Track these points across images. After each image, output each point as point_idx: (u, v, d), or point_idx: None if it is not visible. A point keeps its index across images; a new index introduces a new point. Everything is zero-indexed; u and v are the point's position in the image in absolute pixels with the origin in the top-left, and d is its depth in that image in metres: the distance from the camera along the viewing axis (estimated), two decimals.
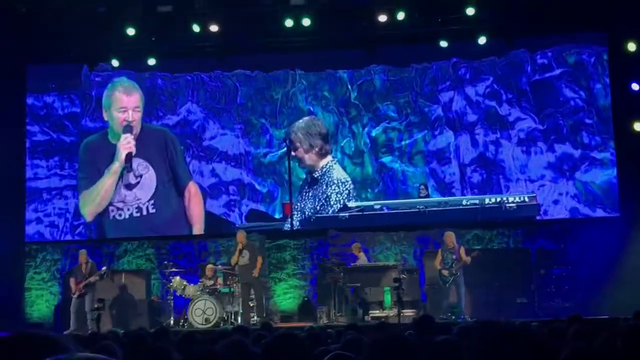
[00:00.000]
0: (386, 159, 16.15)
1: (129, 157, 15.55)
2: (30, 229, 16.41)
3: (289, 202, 15.63)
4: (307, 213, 15.80)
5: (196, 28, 15.09)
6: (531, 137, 15.76)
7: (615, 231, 14.86)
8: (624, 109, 15.24)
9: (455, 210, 15.48)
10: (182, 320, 14.14)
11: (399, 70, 16.15)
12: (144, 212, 15.94)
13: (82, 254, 14.51)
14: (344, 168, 16.09)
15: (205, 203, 16.15)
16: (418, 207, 15.43)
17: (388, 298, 13.80)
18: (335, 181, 15.81)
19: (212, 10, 14.94)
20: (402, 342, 2.64)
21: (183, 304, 14.50)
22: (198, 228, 16.06)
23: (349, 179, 15.89)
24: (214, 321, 13.66)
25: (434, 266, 14.16)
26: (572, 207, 15.46)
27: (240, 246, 13.98)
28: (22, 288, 16.28)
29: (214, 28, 15.06)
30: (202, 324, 13.58)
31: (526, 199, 15.38)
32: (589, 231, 15.15)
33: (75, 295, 14.12)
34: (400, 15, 14.73)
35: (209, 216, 16.12)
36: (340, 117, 16.30)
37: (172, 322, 14.13)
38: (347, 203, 15.73)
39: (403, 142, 16.11)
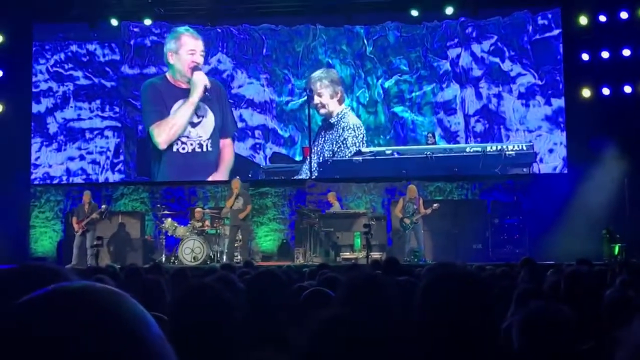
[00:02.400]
0: (397, 109, 16.13)
1: (206, 89, 15.53)
2: (73, 166, 16.43)
3: (307, 146, 15.70)
4: (325, 154, 15.82)
5: None
6: (530, 91, 15.77)
7: (563, 186, 15.01)
8: (573, 77, 15.33)
9: (459, 156, 15.53)
10: (172, 258, 14.19)
11: (412, 27, 16.09)
12: (204, 149, 15.88)
13: (87, 195, 14.48)
14: (359, 116, 16.11)
15: (233, 145, 16.20)
16: (425, 153, 15.43)
17: (358, 242, 13.91)
18: (351, 126, 15.86)
19: None
20: (374, 280, 2.66)
21: (174, 243, 14.55)
22: (221, 175, 15.98)
23: (362, 125, 15.92)
24: (202, 259, 13.73)
25: (395, 214, 14.27)
26: (564, 156, 15.56)
27: (236, 191, 13.99)
28: (28, 226, 16.23)
29: None
30: (190, 262, 13.63)
31: (524, 148, 15.43)
32: (539, 186, 15.29)
33: (78, 233, 14.09)
34: None
35: (236, 157, 16.16)
36: (356, 70, 16.25)
37: (163, 259, 14.17)
38: (361, 148, 15.72)
39: (413, 94, 16.09)
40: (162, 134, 15.81)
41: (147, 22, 15.93)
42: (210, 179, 16.03)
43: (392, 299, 2.59)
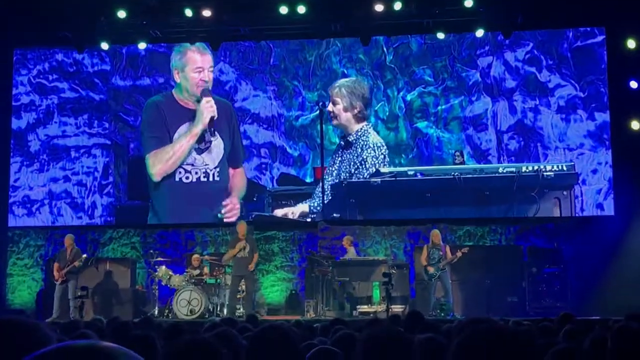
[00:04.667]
0: (421, 124, 16.09)
1: (212, 121, 15.60)
2: (57, 188, 16.46)
3: (320, 166, 15.63)
4: (341, 176, 15.63)
5: (189, 13, 15.00)
6: (571, 104, 15.65)
7: (609, 231, 14.89)
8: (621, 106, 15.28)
9: (490, 177, 15.28)
10: (166, 311, 14.13)
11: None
12: (210, 178, 15.86)
13: (68, 238, 14.47)
14: (378, 132, 15.99)
15: (245, 174, 16.21)
16: (453, 173, 15.20)
17: (377, 293, 13.83)
18: (372, 145, 15.63)
19: None
20: (395, 338, 2.63)
21: (168, 294, 14.50)
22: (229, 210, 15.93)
23: (384, 144, 15.77)
24: (199, 312, 13.67)
25: (419, 262, 14.18)
26: (611, 177, 15.37)
27: (242, 237, 13.98)
28: (4, 274, 16.22)
29: (206, 13, 14.97)
30: (187, 315, 13.57)
31: (564, 168, 15.17)
32: (582, 230, 15.18)
33: (58, 282, 14.08)
34: (397, 6, 14.67)
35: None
36: (374, 81, 16.24)
37: (156, 312, 14.12)
38: (380, 169, 15.54)
39: (439, 107, 16.04)
40: (158, 164, 15.82)
41: (142, 45, 16.06)
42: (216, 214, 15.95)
43: None
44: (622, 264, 14.27)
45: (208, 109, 15.63)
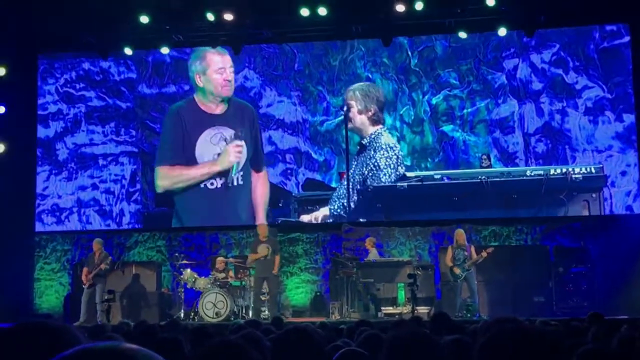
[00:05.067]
0: (447, 128, 16.04)
1: (231, 167, 15.64)
2: (85, 196, 16.64)
3: (345, 171, 15.64)
4: (356, 179, 15.64)
5: (210, 17, 15.06)
6: (599, 106, 15.53)
7: (636, 230, 14.75)
8: None
9: (518, 181, 15.24)
10: (192, 314, 14.18)
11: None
12: (234, 183, 15.86)
13: (97, 243, 14.57)
14: (403, 137, 16.01)
15: (267, 178, 16.20)
16: (480, 177, 15.19)
17: (402, 294, 13.80)
18: (384, 146, 15.62)
19: None
20: (420, 339, 2.63)
21: (193, 296, 14.54)
22: (261, 212, 15.96)
23: (397, 145, 15.75)
24: (225, 315, 13.70)
25: (444, 263, 14.14)
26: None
27: (263, 240, 14.07)
28: (32, 279, 16.38)
29: (228, 17, 15.02)
30: (212, 318, 13.62)
31: (593, 170, 15.08)
32: (609, 229, 15.05)
33: (85, 286, 14.19)
34: (419, 5, 14.63)
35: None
36: (399, 85, 16.23)
37: (182, 315, 14.18)
38: (406, 173, 15.51)
39: (465, 111, 15.99)
40: (166, 180, 15.97)
41: (165, 50, 16.14)
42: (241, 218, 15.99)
43: None
44: None
45: (236, 154, 15.69)
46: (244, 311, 14.12)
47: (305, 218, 16.02)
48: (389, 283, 13.98)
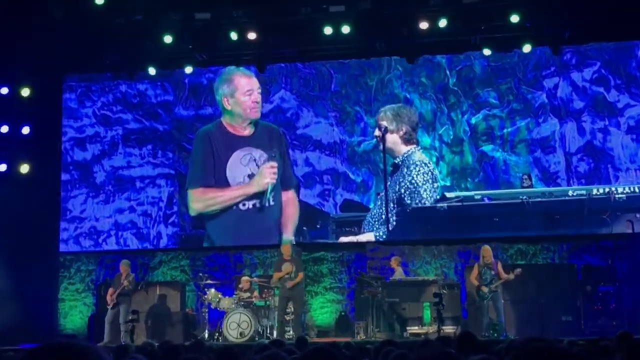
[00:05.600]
0: (487, 148, 15.97)
1: (266, 190, 15.58)
2: (122, 218, 16.70)
3: (383, 191, 15.57)
4: (394, 197, 15.45)
5: (234, 36, 15.15)
6: None
7: None
8: None
9: (560, 201, 15.11)
10: (216, 334, 14.18)
11: (501, 55, 15.90)
12: (266, 204, 15.79)
13: (124, 264, 14.62)
14: (442, 157, 15.95)
15: (299, 192, 16.17)
16: (521, 197, 15.08)
17: (427, 314, 13.72)
18: (418, 162, 15.48)
19: (250, 18, 14.97)
20: (447, 359, 2.61)
21: (218, 317, 14.55)
22: (289, 231, 15.88)
23: (431, 162, 15.64)
24: (249, 335, 13.69)
25: (470, 281, 14.04)
26: None
27: (287, 259, 14.07)
28: (56, 299, 16.46)
29: (252, 36, 15.11)
30: (237, 338, 13.61)
31: (636, 190, 14.93)
32: (637, 247, 14.89)
33: (109, 306, 14.23)
34: (442, 23, 14.64)
35: (303, 206, 16.10)
36: (438, 104, 16.19)
37: (206, 335, 14.18)
38: (446, 193, 15.42)
39: (505, 130, 15.92)
40: (200, 202, 15.89)
41: (188, 69, 16.26)
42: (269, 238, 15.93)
43: None
44: None
45: (271, 175, 15.62)
46: (268, 331, 14.09)
47: (344, 240, 15.94)
48: (415, 302, 13.91)
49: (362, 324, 14.15)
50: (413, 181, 15.39)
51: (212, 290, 14.56)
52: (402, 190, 15.42)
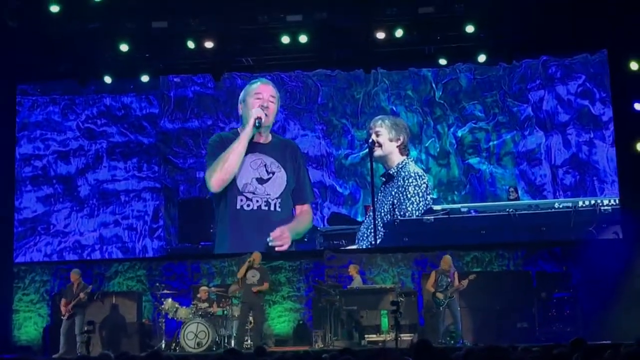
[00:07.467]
0: (473, 160, 16.15)
1: (256, 120, 15.61)
2: (107, 232, 16.58)
3: (371, 204, 15.64)
4: (384, 209, 15.63)
5: (191, 44, 15.13)
6: None
7: (617, 254, 14.82)
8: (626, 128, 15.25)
9: (546, 213, 15.33)
10: (173, 344, 14.10)
11: (486, 68, 16.09)
12: (272, 208, 15.85)
13: (75, 273, 14.41)
14: (429, 169, 16.08)
15: (316, 207, 16.26)
16: (507, 210, 15.29)
17: (385, 322, 13.79)
18: (412, 174, 15.70)
19: (207, 26, 14.97)
20: None
21: (175, 327, 14.49)
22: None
23: (425, 175, 15.80)
24: (207, 345, 13.65)
25: (426, 289, 14.15)
26: None
27: (249, 264, 13.94)
28: (10, 310, 16.22)
29: (209, 45, 15.11)
30: (194, 348, 13.56)
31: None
32: (590, 254, 15.12)
33: (64, 317, 14.07)
34: (399, 33, 14.78)
35: None
36: (424, 117, 16.34)
37: (163, 345, 14.09)
38: (432, 206, 15.56)
39: (491, 143, 16.12)
40: (214, 174, 15.82)
41: (145, 78, 16.22)
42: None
43: None
44: (633, 286, 14.22)
45: (256, 111, 15.69)
46: (226, 341, 14.04)
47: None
48: (373, 310, 13.97)
49: (320, 333, 14.15)
50: (404, 192, 15.58)
51: (169, 300, 14.48)
52: (395, 202, 15.58)
